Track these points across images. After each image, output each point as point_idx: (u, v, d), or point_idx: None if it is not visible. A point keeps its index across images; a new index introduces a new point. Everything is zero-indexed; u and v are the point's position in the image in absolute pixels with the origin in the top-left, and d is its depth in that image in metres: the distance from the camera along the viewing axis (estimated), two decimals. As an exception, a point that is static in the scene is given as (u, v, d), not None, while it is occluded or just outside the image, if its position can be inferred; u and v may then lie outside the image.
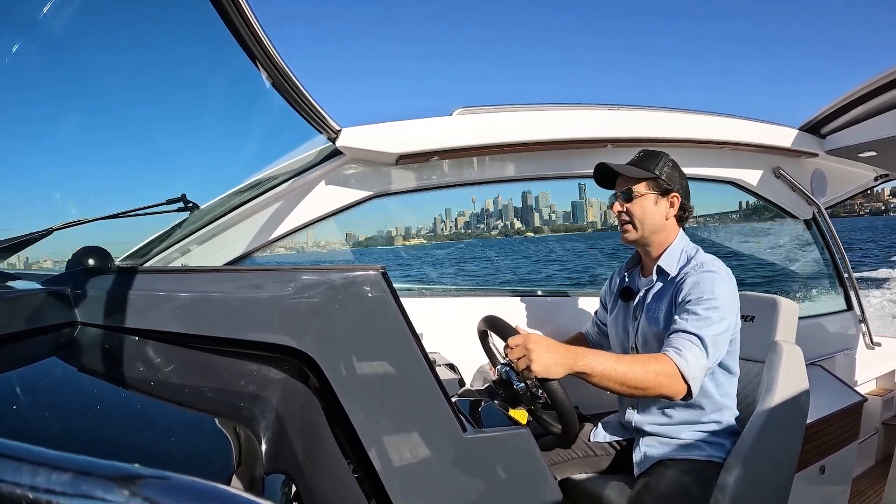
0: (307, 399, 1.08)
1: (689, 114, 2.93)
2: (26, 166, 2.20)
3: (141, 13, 2.14)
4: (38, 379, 0.97)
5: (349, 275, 1.11)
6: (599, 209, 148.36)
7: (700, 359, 1.71)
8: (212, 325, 1.11)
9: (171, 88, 2.59)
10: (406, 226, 26.35)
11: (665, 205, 1.99)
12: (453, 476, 1.19)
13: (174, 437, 0.84)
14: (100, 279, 1.25)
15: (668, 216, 1.99)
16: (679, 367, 1.68)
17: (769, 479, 1.95)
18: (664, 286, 1.97)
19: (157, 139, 2.87)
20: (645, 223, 1.97)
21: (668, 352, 1.72)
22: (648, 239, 2.00)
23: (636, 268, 2.16)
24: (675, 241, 2.00)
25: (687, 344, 1.72)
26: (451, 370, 2.17)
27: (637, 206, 1.97)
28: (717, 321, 1.75)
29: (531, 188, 3.29)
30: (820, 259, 3.85)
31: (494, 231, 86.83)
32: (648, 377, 1.66)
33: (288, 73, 1.83)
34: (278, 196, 2.59)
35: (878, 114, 2.86)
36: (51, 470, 0.37)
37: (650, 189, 1.96)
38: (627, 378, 1.64)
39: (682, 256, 1.97)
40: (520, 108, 2.70)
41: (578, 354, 1.63)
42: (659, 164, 1.97)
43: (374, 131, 2.46)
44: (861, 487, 3.24)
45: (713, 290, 1.79)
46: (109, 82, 2.32)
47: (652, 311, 1.96)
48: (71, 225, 1.70)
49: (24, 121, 2.12)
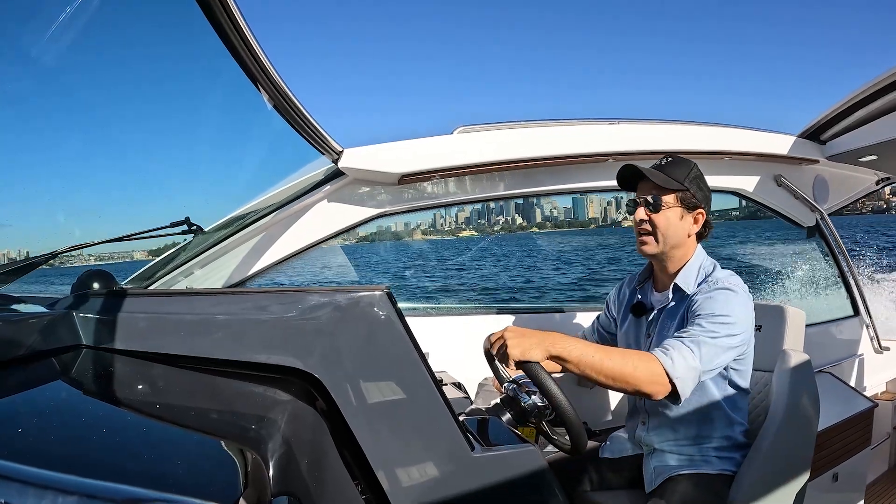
0: (314, 420, 1.08)
1: (688, 125, 2.94)
2: (32, 190, 2.22)
3: (144, 39, 2.16)
4: (43, 402, 0.97)
5: (354, 295, 1.10)
6: (599, 205, 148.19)
7: (689, 359, 1.64)
8: (217, 347, 1.11)
9: (174, 112, 2.61)
10: (405, 222, 26.38)
11: (690, 220, 1.90)
12: (462, 495, 1.18)
13: (181, 460, 0.84)
14: (104, 302, 1.25)
15: (691, 233, 1.91)
16: (663, 365, 1.61)
17: (782, 489, 1.93)
18: (677, 305, 1.91)
19: (160, 163, 2.90)
20: (668, 237, 1.88)
21: (655, 351, 1.66)
22: (668, 254, 1.92)
23: (648, 281, 2.10)
24: (694, 258, 1.92)
25: (676, 344, 1.66)
26: (458, 389, 2.16)
27: (663, 217, 1.87)
28: (723, 335, 1.69)
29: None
30: (825, 265, 3.84)
31: (497, 227, 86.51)
32: (626, 370, 1.59)
33: (289, 95, 1.84)
34: (282, 218, 2.60)
35: (877, 117, 2.86)
36: (57, 493, 0.36)
37: (678, 202, 1.88)
38: (604, 366, 1.58)
39: (700, 273, 1.90)
40: (520, 125, 2.71)
41: (557, 339, 1.59)
42: (689, 176, 1.87)
43: (376, 151, 2.47)
44: (875, 493, 3.21)
45: (725, 306, 1.73)
46: (112, 108, 2.35)
47: (665, 329, 1.90)
48: (75, 248, 1.70)
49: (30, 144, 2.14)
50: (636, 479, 2.03)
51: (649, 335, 1.99)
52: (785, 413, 1.91)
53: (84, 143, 2.32)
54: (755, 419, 2.07)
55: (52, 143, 2.22)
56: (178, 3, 1.80)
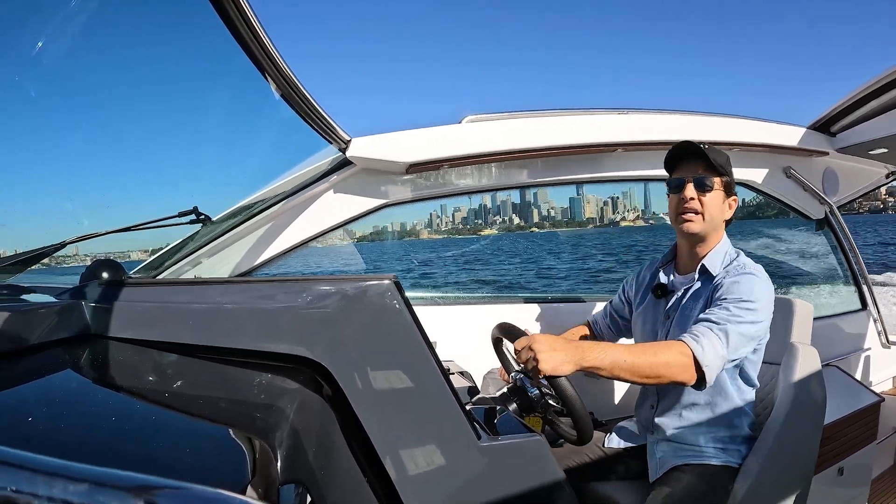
0: (321, 409, 1.08)
1: (698, 116, 2.92)
2: (41, 181, 2.23)
3: (149, 27, 2.16)
4: (53, 391, 0.98)
5: (361, 284, 1.11)
6: (596, 205, 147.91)
7: (718, 348, 1.66)
8: (225, 336, 1.12)
9: (182, 102, 2.63)
10: (401, 221, 26.45)
11: (727, 206, 1.95)
12: (468, 484, 1.18)
13: (189, 448, 0.85)
14: (113, 292, 1.26)
15: (726, 217, 1.97)
16: (694, 352, 1.64)
17: (787, 482, 1.93)
18: (702, 287, 1.92)
19: (168, 152, 2.91)
20: (713, 216, 1.91)
21: (685, 337, 1.68)
22: (708, 234, 1.94)
23: (671, 264, 2.11)
24: (722, 242, 1.96)
25: (706, 331, 1.68)
26: (465, 378, 2.17)
27: (711, 197, 1.90)
28: (748, 321, 1.71)
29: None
30: (833, 258, 3.81)
31: (494, 227, 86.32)
32: (659, 367, 1.62)
33: (297, 84, 1.83)
34: (289, 207, 2.60)
35: (888, 110, 2.83)
36: (67, 481, 0.37)
37: (722, 186, 1.92)
38: (639, 368, 1.59)
39: (726, 258, 1.93)
40: (529, 114, 2.69)
41: (586, 349, 1.57)
42: (727, 164, 1.92)
43: (384, 141, 2.46)
44: (880, 488, 3.20)
45: (751, 291, 1.75)
46: (120, 98, 2.35)
47: (688, 310, 1.92)
48: (84, 238, 1.71)
49: (38, 135, 2.15)
50: (641, 470, 2.04)
51: (668, 316, 1.99)
52: (792, 406, 1.91)
53: (93, 135, 2.32)
54: (762, 411, 2.07)
55: (60, 135, 2.23)
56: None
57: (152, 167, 22.97)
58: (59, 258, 1.94)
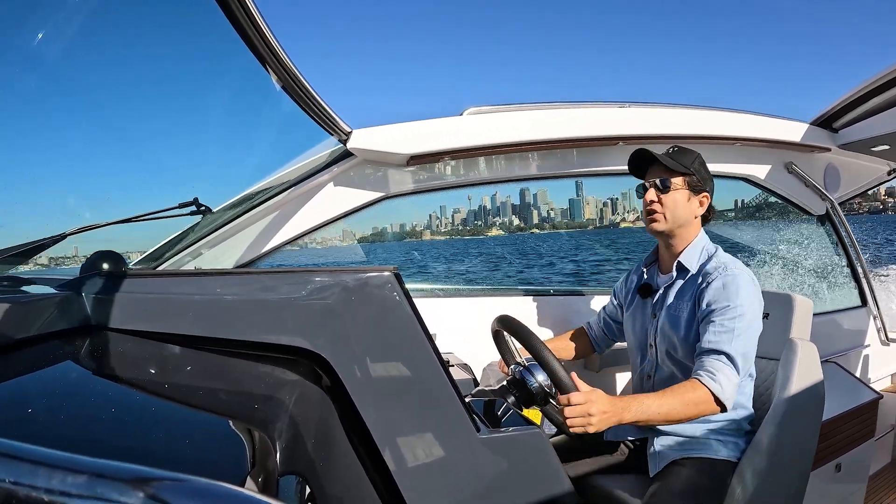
0: (321, 400, 1.09)
1: (700, 110, 2.91)
2: (41, 172, 2.22)
3: (150, 19, 2.15)
4: (53, 383, 0.98)
5: (362, 276, 1.10)
6: (595, 206, 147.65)
7: (732, 378, 1.76)
8: (225, 327, 1.11)
9: (182, 93, 2.60)
10: (401, 223, 26.32)
11: (695, 203, 2.00)
12: (467, 476, 1.18)
13: (188, 440, 0.85)
14: (113, 283, 1.26)
15: (696, 214, 2.01)
16: (714, 393, 1.74)
17: (784, 477, 1.93)
18: (685, 284, 1.98)
19: (168, 143, 2.89)
20: (676, 215, 1.98)
21: (702, 377, 1.77)
22: (675, 232, 2.00)
23: (654, 264, 2.17)
24: (697, 239, 2.01)
25: (719, 366, 1.77)
26: (465, 370, 2.17)
27: (671, 197, 1.97)
28: (744, 331, 1.79)
29: (529, 185, 3.29)
30: (833, 254, 3.81)
31: (494, 228, 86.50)
32: (689, 411, 1.74)
33: (297, 76, 1.83)
34: (289, 199, 2.60)
35: (890, 106, 2.82)
36: (66, 472, 0.37)
37: (685, 185, 1.98)
38: (671, 417, 1.74)
39: (703, 254, 1.99)
40: (530, 106, 2.69)
41: (625, 408, 1.67)
42: (694, 163, 1.98)
43: (385, 132, 2.46)
44: (877, 485, 3.21)
45: (738, 296, 1.82)
46: (120, 89, 2.34)
47: (673, 310, 1.98)
48: (84, 230, 1.71)
49: (39, 126, 2.14)
50: (640, 463, 2.04)
51: (655, 315, 2.05)
52: (790, 401, 1.91)
53: (93, 127, 2.31)
54: (760, 406, 2.08)
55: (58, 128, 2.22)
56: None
57: (152, 165, 22.83)
58: (59, 259, 1.94)
